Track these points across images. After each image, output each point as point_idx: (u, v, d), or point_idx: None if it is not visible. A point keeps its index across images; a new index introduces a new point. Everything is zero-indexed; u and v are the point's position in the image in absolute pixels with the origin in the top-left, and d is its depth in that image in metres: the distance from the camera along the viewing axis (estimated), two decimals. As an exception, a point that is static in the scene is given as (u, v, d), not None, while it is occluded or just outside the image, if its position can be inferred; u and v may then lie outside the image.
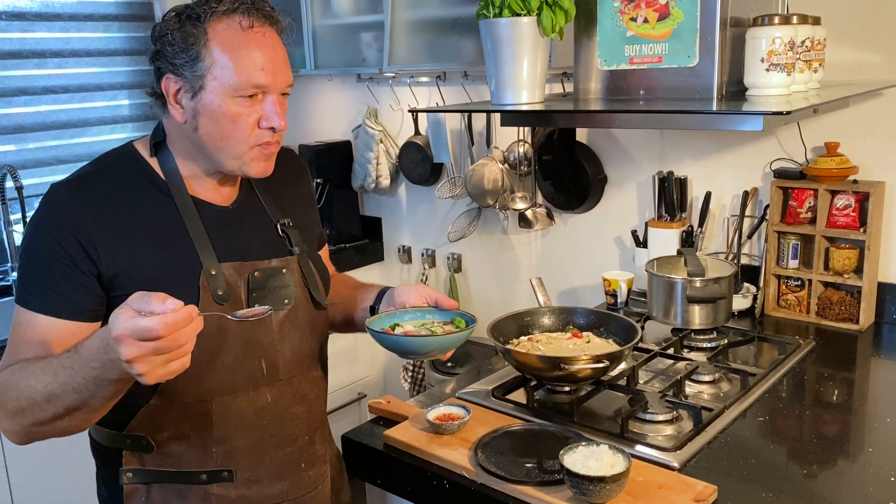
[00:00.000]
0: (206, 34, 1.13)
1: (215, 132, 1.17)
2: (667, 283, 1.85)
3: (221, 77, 1.14)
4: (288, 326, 1.28)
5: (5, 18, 2.56)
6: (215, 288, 1.19)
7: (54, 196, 1.17)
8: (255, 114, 1.17)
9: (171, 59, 1.15)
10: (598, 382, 1.57)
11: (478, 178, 2.57)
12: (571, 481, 1.20)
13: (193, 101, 1.16)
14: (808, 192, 1.97)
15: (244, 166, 1.20)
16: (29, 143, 2.67)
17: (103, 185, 1.19)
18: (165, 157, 1.23)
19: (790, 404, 1.56)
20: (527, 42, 1.48)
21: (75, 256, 1.13)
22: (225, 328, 1.20)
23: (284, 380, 1.29)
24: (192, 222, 1.21)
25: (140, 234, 1.17)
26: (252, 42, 1.15)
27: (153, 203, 1.20)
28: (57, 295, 1.13)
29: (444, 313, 1.39)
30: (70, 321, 1.14)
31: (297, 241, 1.33)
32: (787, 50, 1.36)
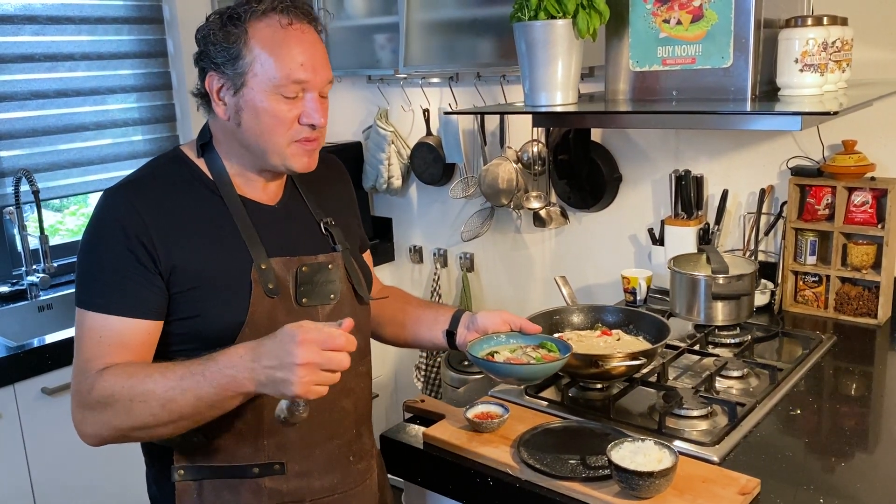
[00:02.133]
0: (247, 32, 1.17)
1: (257, 128, 1.20)
2: (690, 280, 1.88)
3: (262, 74, 1.17)
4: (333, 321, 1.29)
5: (18, 22, 2.55)
6: (266, 282, 1.23)
7: (110, 200, 1.20)
8: (295, 110, 1.20)
9: (214, 57, 1.19)
10: (631, 379, 1.59)
11: (492, 177, 2.58)
12: (620, 476, 1.22)
13: (236, 97, 1.20)
14: (825, 189, 2.01)
15: (287, 161, 1.23)
16: (42, 146, 2.66)
17: (156, 187, 1.22)
18: (212, 158, 1.27)
19: (820, 398, 1.59)
20: (562, 44, 1.50)
21: (139, 255, 1.16)
22: (277, 322, 1.21)
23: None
24: (241, 219, 1.24)
25: (193, 231, 1.21)
26: (292, 39, 1.18)
27: (203, 202, 1.24)
28: (127, 295, 1.16)
29: (529, 338, 1.43)
30: (143, 320, 1.17)
31: (340, 238, 1.37)
32: (820, 51, 1.38)
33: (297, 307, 1.26)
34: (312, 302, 1.28)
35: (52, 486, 2.16)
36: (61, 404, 2.15)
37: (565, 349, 1.37)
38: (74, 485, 2.20)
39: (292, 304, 1.26)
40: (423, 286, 3.10)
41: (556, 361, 1.32)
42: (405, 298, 1.60)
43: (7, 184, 2.56)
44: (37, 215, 2.49)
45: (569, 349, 1.36)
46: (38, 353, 2.13)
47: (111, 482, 2.22)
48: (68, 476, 2.18)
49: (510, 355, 1.38)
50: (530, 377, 1.31)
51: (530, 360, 1.35)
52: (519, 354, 1.38)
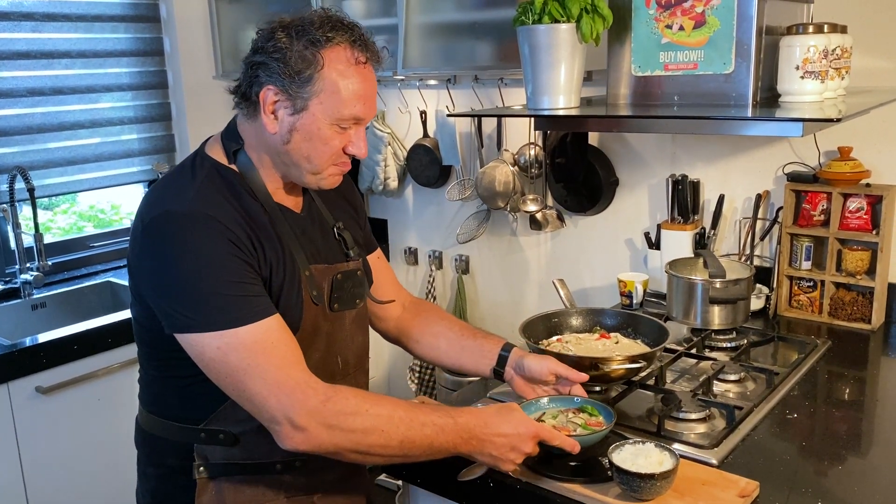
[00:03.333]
0: (322, 60, 1.18)
1: (305, 150, 1.23)
2: (687, 284, 1.89)
3: (328, 104, 1.19)
4: (356, 325, 1.39)
5: (15, 18, 2.54)
6: (311, 288, 1.27)
7: (187, 219, 1.17)
8: (344, 139, 1.24)
9: (280, 73, 1.19)
10: (630, 382, 1.60)
11: (489, 180, 2.59)
12: (621, 478, 1.22)
13: (293, 117, 1.21)
14: (821, 195, 2.03)
15: (321, 181, 1.27)
16: (37, 144, 2.65)
17: (219, 198, 1.22)
18: (246, 165, 1.27)
19: (815, 402, 1.60)
20: (565, 48, 1.51)
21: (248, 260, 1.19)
22: (317, 326, 1.29)
23: (351, 374, 1.39)
24: (283, 227, 1.27)
25: (260, 239, 1.23)
26: (361, 76, 1.21)
27: (252, 210, 1.25)
28: (260, 299, 1.18)
29: (568, 400, 1.45)
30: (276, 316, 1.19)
31: (352, 243, 1.40)
32: (821, 58, 1.40)
33: (330, 313, 1.31)
34: (342, 307, 1.33)
35: (44, 485, 2.15)
36: (55, 403, 2.14)
37: (607, 413, 1.38)
38: (67, 484, 2.18)
39: (327, 310, 1.31)
40: (418, 288, 3.10)
41: (602, 429, 1.33)
42: (446, 321, 1.60)
43: (2, 181, 2.55)
44: (31, 213, 2.48)
45: (611, 415, 1.37)
46: (31, 352, 2.12)
47: (104, 481, 2.21)
48: (61, 475, 2.16)
49: (555, 422, 1.38)
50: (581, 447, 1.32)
51: (576, 426, 1.36)
52: (563, 421, 1.39)
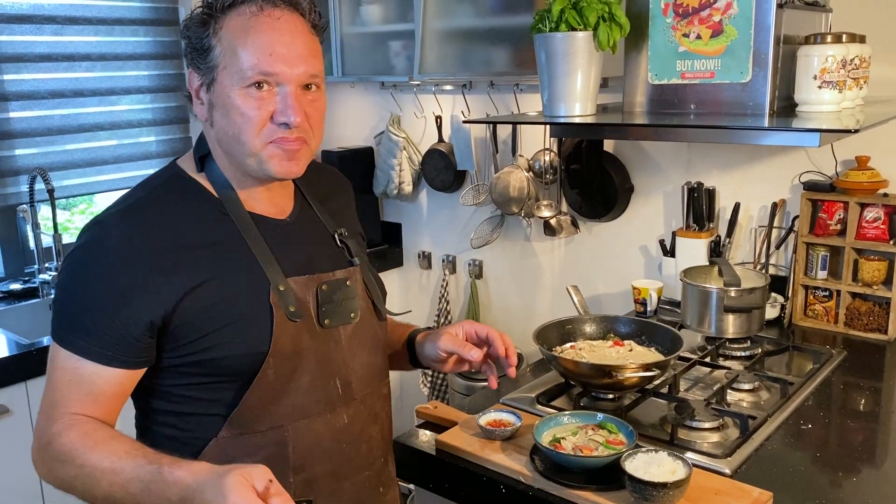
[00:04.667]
0: (218, 22, 1.08)
1: (227, 127, 1.09)
2: (702, 292, 1.88)
3: (230, 66, 1.07)
4: (356, 342, 1.22)
5: (37, 22, 2.57)
6: (287, 304, 1.12)
7: (103, 229, 1.08)
8: (268, 106, 1.08)
9: (189, 53, 1.11)
10: (643, 390, 1.60)
11: (503, 185, 2.60)
12: (634, 487, 1.22)
13: (209, 94, 1.11)
14: (838, 204, 2.02)
15: (263, 165, 1.10)
16: (57, 145, 2.68)
17: (154, 212, 1.11)
18: (213, 172, 1.16)
19: (830, 412, 1.60)
20: (582, 56, 1.51)
21: (128, 297, 1.05)
22: (300, 346, 1.14)
23: (359, 399, 1.22)
24: (253, 238, 1.14)
25: (201, 258, 1.10)
26: (262, 26, 1.07)
27: (210, 223, 1.13)
28: (106, 343, 1.05)
29: (587, 416, 1.42)
30: (118, 370, 1.07)
31: (356, 251, 1.27)
32: (839, 68, 1.40)
33: (319, 329, 1.17)
34: (334, 322, 1.18)
35: (60, 484, 2.17)
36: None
37: (628, 432, 1.36)
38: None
39: (315, 326, 1.16)
40: (431, 292, 3.11)
41: (623, 449, 1.31)
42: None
43: (22, 182, 2.58)
44: (50, 213, 2.51)
45: (633, 434, 1.35)
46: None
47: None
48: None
49: (574, 439, 1.36)
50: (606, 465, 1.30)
51: (597, 444, 1.34)
52: (583, 439, 1.37)
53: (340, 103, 3.17)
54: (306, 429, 1.15)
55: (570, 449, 1.33)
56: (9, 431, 2.08)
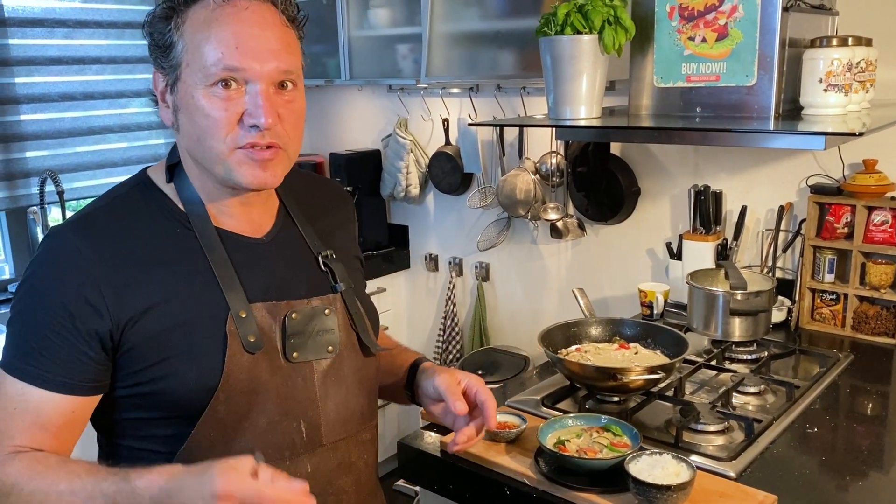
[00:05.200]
0: (181, 17, 0.98)
1: (192, 131, 0.99)
2: (708, 295, 1.88)
3: (192, 63, 0.96)
4: (332, 379, 1.09)
5: (49, 25, 2.60)
6: (245, 334, 1.00)
7: (53, 243, 1.00)
8: (236, 108, 0.97)
9: (153, 50, 1.01)
10: (649, 393, 1.60)
11: (510, 188, 2.60)
12: (637, 489, 1.22)
13: (173, 95, 1.00)
14: (845, 207, 2.01)
15: (231, 173, 0.99)
16: (69, 147, 2.70)
17: (112, 224, 1.02)
18: (182, 183, 1.05)
19: (836, 416, 1.59)
20: (587, 59, 1.52)
21: (79, 316, 0.96)
22: (258, 381, 1.02)
23: (328, 445, 1.09)
24: (216, 257, 1.02)
25: (155, 276, 1.00)
26: (226, 17, 0.96)
27: (170, 238, 1.03)
28: (55, 366, 0.96)
29: (591, 419, 1.42)
30: (68, 396, 0.97)
31: (342, 275, 1.13)
32: (844, 71, 1.40)
33: (285, 363, 1.04)
34: (305, 356, 1.05)
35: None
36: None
37: (632, 434, 1.37)
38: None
39: (279, 359, 1.04)
40: (437, 295, 3.12)
41: (628, 451, 1.31)
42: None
43: (33, 184, 2.60)
44: (60, 215, 2.53)
45: (637, 436, 1.35)
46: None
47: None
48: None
49: (579, 441, 1.37)
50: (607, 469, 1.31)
51: (601, 447, 1.35)
52: (588, 441, 1.37)
53: (348, 106, 3.19)
54: None
55: (575, 451, 1.34)
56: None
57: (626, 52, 1.67)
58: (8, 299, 2.57)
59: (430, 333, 3.17)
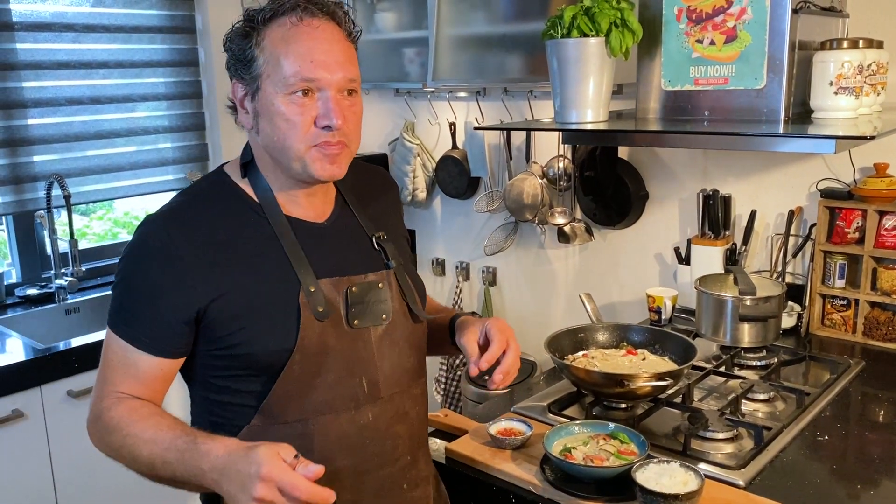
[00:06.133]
0: (260, 34, 1.14)
1: (273, 134, 1.15)
2: (716, 300, 1.86)
3: (273, 74, 1.13)
4: (387, 342, 1.25)
5: (57, 30, 2.60)
6: (315, 305, 1.17)
7: (150, 227, 1.17)
8: (311, 112, 1.14)
9: (234, 65, 1.17)
10: (656, 400, 1.58)
11: (517, 192, 2.59)
12: (645, 498, 1.21)
13: (253, 103, 1.17)
14: (856, 212, 1.99)
15: (307, 168, 1.16)
16: (74, 151, 2.71)
17: (195, 214, 1.19)
18: (256, 177, 1.22)
19: (847, 424, 1.57)
20: (594, 62, 1.50)
21: (171, 292, 1.14)
22: (327, 346, 1.19)
23: (385, 397, 1.25)
24: (287, 240, 1.19)
25: (236, 257, 1.17)
26: (302, 35, 1.13)
27: (247, 225, 1.19)
28: (148, 332, 1.15)
29: (598, 426, 1.41)
30: (160, 358, 1.17)
31: (393, 253, 1.30)
32: (855, 74, 1.38)
33: (348, 329, 1.21)
34: (364, 323, 1.22)
35: (74, 488, 2.18)
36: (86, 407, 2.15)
37: (639, 442, 1.35)
38: (97, 487, 2.21)
39: (343, 326, 1.21)
40: (445, 299, 3.10)
41: (635, 459, 1.30)
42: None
43: (39, 188, 2.61)
44: (67, 219, 2.53)
45: (644, 444, 1.34)
46: (64, 356, 2.16)
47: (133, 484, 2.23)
48: (91, 478, 2.19)
49: (585, 449, 1.36)
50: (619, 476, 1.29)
51: (608, 455, 1.33)
52: (594, 448, 1.36)
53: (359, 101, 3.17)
54: (331, 423, 1.20)
55: (581, 459, 1.32)
56: (24, 435, 2.10)
57: (633, 55, 1.65)
58: (16, 303, 2.57)
59: (436, 338, 3.15)
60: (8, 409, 2.06)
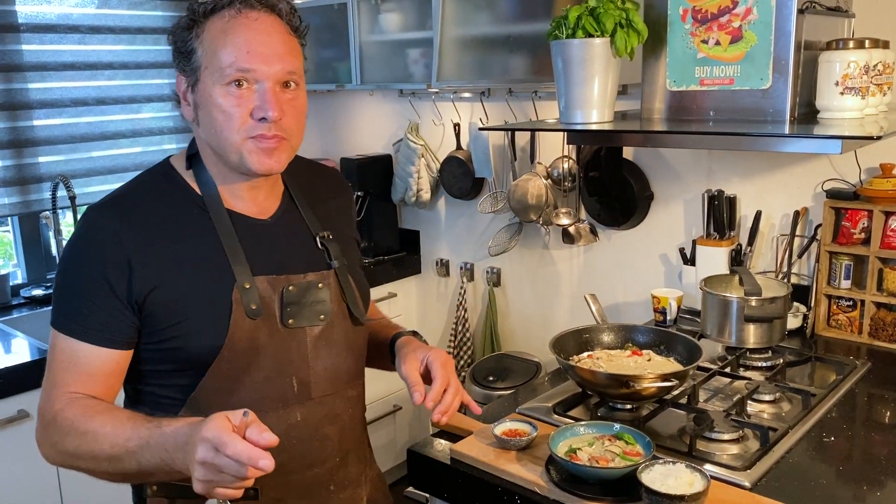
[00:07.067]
0: (201, 27, 1.14)
1: (211, 125, 1.15)
2: (722, 301, 1.86)
3: (211, 66, 1.13)
4: (323, 343, 1.25)
5: (62, 31, 2.61)
6: (248, 302, 1.17)
7: (90, 220, 1.17)
8: (247, 104, 1.13)
9: (176, 56, 1.18)
10: (662, 401, 1.58)
11: (521, 193, 2.59)
12: (650, 499, 1.20)
13: (194, 95, 1.17)
14: (861, 212, 1.98)
15: (243, 160, 1.15)
16: (80, 153, 2.71)
17: (137, 205, 1.18)
18: (200, 170, 1.22)
19: (853, 425, 1.56)
20: (599, 62, 1.50)
21: (113, 282, 1.13)
22: (258, 344, 1.18)
23: (316, 399, 1.24)
24: (227, 236, 1.19)
25: (175, 250, 1.16)
26: (239, 26, 1.13)
27: (188, 218, 1.19)
28: (97, 323, 1.13)
29: (603, 427, 1.41)
30: (112, 350, 1.15)
31: (337, 254, 1.29)
32: (861, 74, 1.37)
33: (282, 328, 1.20)
34: (299, 322, 1.21)
35: (79, 488, 2.19)
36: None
37: (645, 443, 1.35)
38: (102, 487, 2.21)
39: (277, 325, 1.20)
40: (448, 300, 3.10)
41: (640, 460, 1.29)
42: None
43: (45, 188, 2.61)
44: (72, 220, 2.54)
45: (650, 445, 1.33)
46: (70, 357, 2.16)
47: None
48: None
49: (591, 450, 1.35)
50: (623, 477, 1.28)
51: (613, 456, 1.32)
52: (600, 450, 1.35)
53: (359, 111, 3.18)
54: None
55: (587, 460, 1.32)
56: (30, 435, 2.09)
57: (638, 56, 1.65)
58: (21, 304, 2.58)
59: (441, 339, 3.15)
60: (13, 410, 2.06)
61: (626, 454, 1.33)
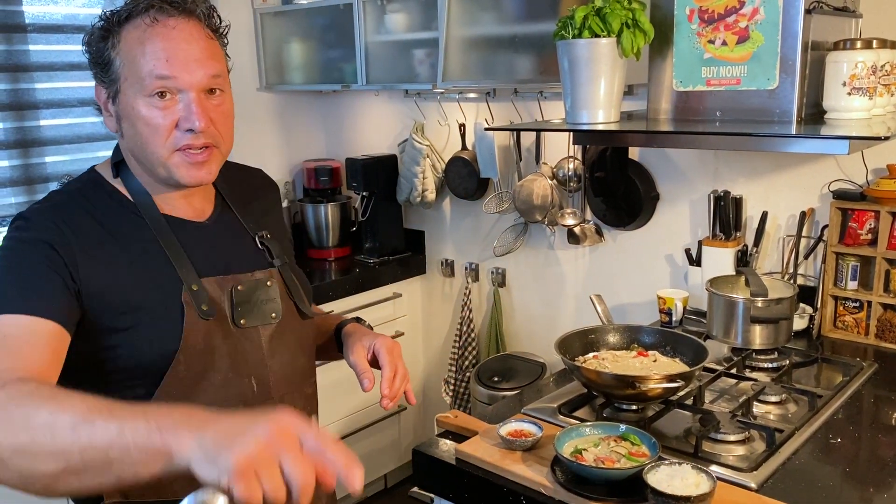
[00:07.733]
0: (117, 36, 1.10)
1: (135, 138, 1.12)
2: (728, 302, 1.85)
3: (131, 77, 1.09)
4: (277, 342, 1.23)
5: (69, 31, 2.62)
6: (199, 303, 1.14)
7: (33, 220, 1.11)
8: (172, 115, 1.10)
9: (93, 66, 1.14)
10: (667, 402, 1.58)
11: (526, 193, 2.58)
12: (656, 500, 1.20)
13: (115, 106, 1.13)
14: (868, 213, 1.97)
15: (172, 173, 1.13)
16: (87, 152, 2.72)
17: (75, 209, 1.13)
18: (128, 177, 1.18)
19: (860, 426, 1.56)
20: (605, 62, 1.50)
21: (56, 263, 1.07)
22: (213, 346, 1.15)
23: (276, 398, 1.23)
24: (167, 239, 1.16)
25: (116, 256, 1.12)
26: (157, 36, 1.09)
27: (125, 224, 1.16)
28: (40, 295, 1.04)
29: (609, 427, 1.41)
30: (55, 323, 1.03)
31: (278, 252, 1.29)
32: (869, 74, 1.37)
33: (234, 329, 1.18)
34: (252, 322, 1.20)
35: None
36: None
37: (651, 444, 1.34)
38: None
39: (229, 325, 1.18)
40: (454, 300, 3.10)
41: (646, 461, 1.29)
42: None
43: (51, 189, 2.62)
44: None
45: (655, 446, 1.33)
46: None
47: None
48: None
49: (596, 451, 1.35)
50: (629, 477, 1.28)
51: (619, 456, 1.32)
52: (605, 450, 1.35)
53: (364, 111, 3.19)
54: None
55: (592, 460, 1.31)
56: None
57: (644, 56, 1.65)
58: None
59: (445, 339, 3.15)
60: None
61: (631, 455, 1.33)
